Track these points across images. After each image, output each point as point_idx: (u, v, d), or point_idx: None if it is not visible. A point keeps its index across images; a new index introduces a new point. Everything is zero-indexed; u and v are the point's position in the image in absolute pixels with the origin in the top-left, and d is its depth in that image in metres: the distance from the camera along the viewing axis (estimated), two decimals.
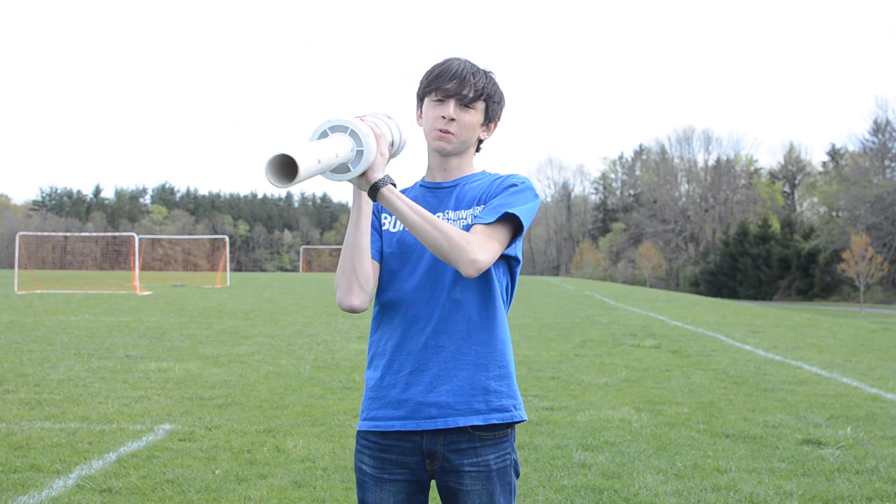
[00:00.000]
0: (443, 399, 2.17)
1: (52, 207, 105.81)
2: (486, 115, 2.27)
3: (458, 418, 2.17)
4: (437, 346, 2.19)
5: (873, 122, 68.83)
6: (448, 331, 2.19)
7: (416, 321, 2.20)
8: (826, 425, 6.75)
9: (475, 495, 2.19)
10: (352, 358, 10.74)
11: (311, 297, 27.22)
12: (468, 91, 2.20)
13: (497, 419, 2.19)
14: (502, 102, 2.31)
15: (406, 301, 2.22)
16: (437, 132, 2.23)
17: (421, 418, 2.18)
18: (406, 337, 2.21)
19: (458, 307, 2.19)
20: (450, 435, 2.19)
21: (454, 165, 2.30)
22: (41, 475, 5.11)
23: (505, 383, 2.23)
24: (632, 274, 75.90)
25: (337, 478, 5.15)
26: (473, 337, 2.20)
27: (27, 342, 12.26)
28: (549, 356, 11.17)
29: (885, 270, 49.01)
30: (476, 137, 2.28)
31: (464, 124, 2.22)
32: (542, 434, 6.33)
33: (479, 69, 2.25)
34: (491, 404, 2.19)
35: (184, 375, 9.12)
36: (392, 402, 2.21)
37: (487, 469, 2.19)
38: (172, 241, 79.68)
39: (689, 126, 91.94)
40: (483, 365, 2.20)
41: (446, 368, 2.18)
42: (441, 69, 2.23)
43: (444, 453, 2.19)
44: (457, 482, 2.19)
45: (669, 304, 26.42)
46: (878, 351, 12.83)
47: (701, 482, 5.09)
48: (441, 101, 2.22)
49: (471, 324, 2.20)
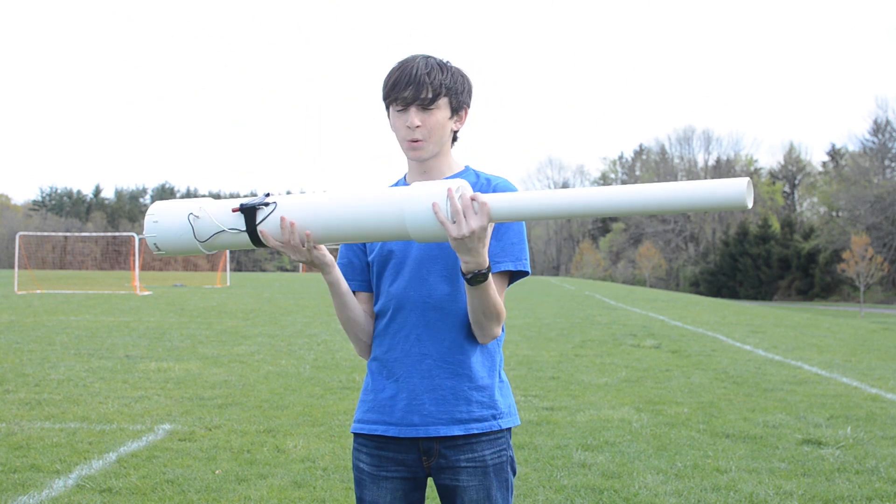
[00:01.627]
0: (425, 408, 2.18)
1: (52, 207, 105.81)
2: (452, 108, 2.22)
3: (439, 427, 2.18)
4: (422, 354, 2.20)
5: (873, 122, 68.83)
6: (433, 339, 2.19)
7: (402, 328, 2.22)
8: (826, 425, 6.75)
9: (472, 490, 2.19)
10: (352, 358, 10.74)
11: (311, 297, 27.22)
12: (426, 93, 2.15)
13: (477, 429, 2.19)
14: (466, 88, 2.25)
15: (393, 308, 2.24)
16: (407, 143, 2.21)
17: (404, 425, 2.19)
18: (394, 343, 2.23)
19: (443, 316, 2.20)
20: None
21: (433, 166, 2.27)
22: (41, 475, 5.11)
23: (486, 393, 2.22)
24: (632, 274, 75.90)
25: (337, 478, 5.15)
26: (457, 346, 2.20)
27: (27, 342, 12.26)
28: (549, 356, 11.17)
29: (885, 270, 48.98)
30: (448, 133, 2.24)
31: (430, 126, 2.19)
32: (542, 434, 6.34)
33: (433, 65, 2.19)
34: (472, 414, 2.19)
35: (184, 375, 9.12)
36: (379, 407, 2.23)
37: (484, 464, 2.20)
38: None
39: (689, 126, 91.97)
40: (465, 375, 2.20)
41: (429, 377, 2.19)
42: (396, 76, 2.18)
43: (441, 449, 2.19)
44: (453, 478, 2.20)
45: (669, 304, 26.43)
46: (878, 351, 12.83)
47: (701, 482, 5.09)
48: (403, 109, 2.19)
49: (456, 333, 2.20)
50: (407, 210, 1.94)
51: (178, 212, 2.12)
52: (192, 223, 2.10)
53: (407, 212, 1.94)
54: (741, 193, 1.76)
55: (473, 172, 2.30)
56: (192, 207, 2.12)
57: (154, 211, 2.14)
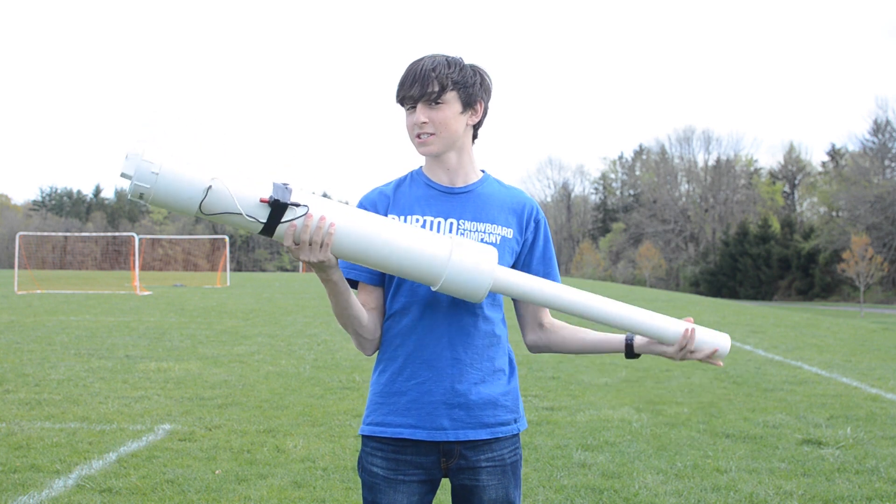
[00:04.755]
0: (455, 412, 2.16)
1: (52, 207, 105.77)
2: (464, 103, 2.17)
3: (468, 431, 2.17)
4: (454, 359, 2.16)
5: (873, 122, 68.77)
6: (465, 343, 2.17)
7: (431, 330, 2.17)
8: (826, 425, 6.75)
9: (492, 490, 2.19)
10: (352, 358, 10.74)
11: (311, 297, 27.22)
12: (432, 88, 2.12)
13: (502, 433, 2.22)
14: (479, 83, 2.20)
15: (421, 307, 2.18)
16: (416, 140, 2.18)
17: (432, 429, 2.16)
18: (421, 345, 2.17)
19: (475, 320, 2.18)
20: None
21: (454, 164, 2.23)
22: (41, 475, 5.12)
23: (511, 398, 2.24)
24: (632, 274, 75.89)
25: (337, 478, 5.15)
26: (486, 351, 2.20)
27: (27, 342, 12.26)
28: (550, 356, 11.17)
29: (885, 270, 48.99)
30: (461, 129, 2.19)
31: (438, 122, 2.14)
32: (542, 434, 6.34)
33: (440, 61, 2.15)
34: (498, 418, 2.21)
35: (184, 375, 9.13)
36: (401, 410, 2.18)
37: (503, 463, 2.21)
38: (172, 241, 79.61)
39: (689, 126, 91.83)
40: (496, 380, 2.21)
41: (460, 381, 2.16)
42: (404, 76, 2.17)
43: (462, 450, 2.18)
44: (473, 478, 2.19)
45: (669, 304, 26.42)
46: (878, 351, 12.84)
47: (701, 482, 5.10)
48: (412, 108, 2.17)
49: (485, 337, 2.20)
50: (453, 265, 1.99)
51: (191, 177, 1.86)
52: (205, 193, 1.88)
53: (451, 267, 1.98)
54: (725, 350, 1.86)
55: (496, 181, 2.30)
56: (207, 178, 1.87)
57: (156, 161, 1.84)
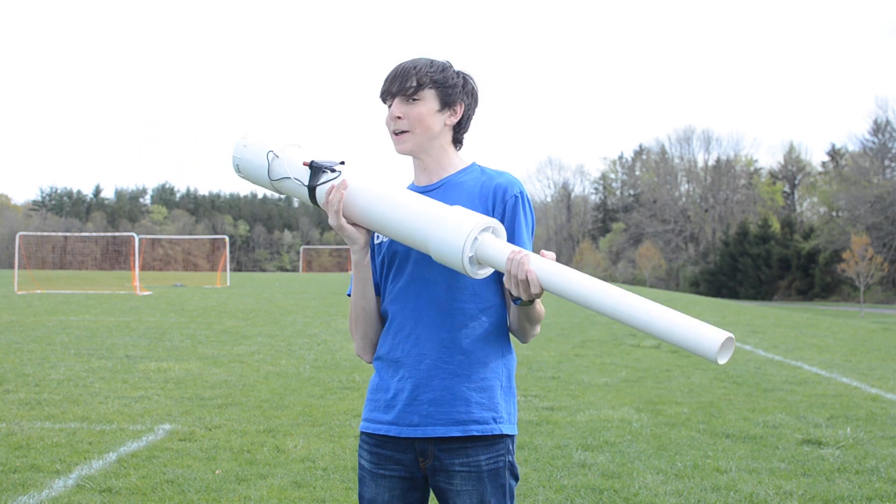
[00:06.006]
0: (423, 408, 2.17)
1: (52, 207, 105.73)
2: (442, 101, 2.18)
3: (437, 427, 2.16)
4: (421, 355, 2.19)
5: (873, 122, 68.75)
6: (432, 339, 2.18)
7: (402, 328, 2.22)
8: (826, 425, 6.75)
9: (465, 495, 2.17)
10: (352, 358, 10.74)
11: (311, 297, 27.23)
12: (409, 83, 2.14)
13: (476, 431, 2.16)
14: (461, 85, 2.21)
15: (396, 308, 2.24)
16: (392, 136, 2.21)
17: (404, 425, 2.19)
18: (395, 343, 2.23)
19: (443, 316, 2.18)
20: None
21: (433, 164, 2.25)
22: (41, 475, 5.12)
23: (487, 395, 2.19)
24: (632, 274, 75.88)
25: (337, 478, 5.15)
26: (457, 346, 2.18)
27: (27, 342, 12.26)
28: (549, 356, 11.17)
29: (885, 270, 48.95)
30: (437, 127, 2.19)
31: (413, 117, 2.16)
32: (542, 434, 6.34)
33: (423, 61, 2.17)
34: (471, 415, 2.17)
35: (184, 375, 9.13)
36: (382, 407, 2.24)
37: (478, 469, 2.17)
38: (172, 241, 79.63)
39: (689, 126, 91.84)
40: (465, 375, 2.17)
41: (428, 377, 2.17)
42: (387, 75, 2.20)
43: (436, 452, 2.18)
44: (447, 482, 2.18)
45: (669, 303, 26.17)
46: (878, 351, 12.84)
47: (701, 482, 5.10)
48: (390, 103, 2.19)
49: (455, 332, 2.18)
50: (446, 232, 2.00)
51: (262, 146, 2.21)
52: (270, 161, 2.19)
53: (444, 235, 2.00)
54: (713, 352, 1.75)
55: (479, 168, 2.28)
56: (274, 146, 2.19)
57: (246, 135, 2.25)
